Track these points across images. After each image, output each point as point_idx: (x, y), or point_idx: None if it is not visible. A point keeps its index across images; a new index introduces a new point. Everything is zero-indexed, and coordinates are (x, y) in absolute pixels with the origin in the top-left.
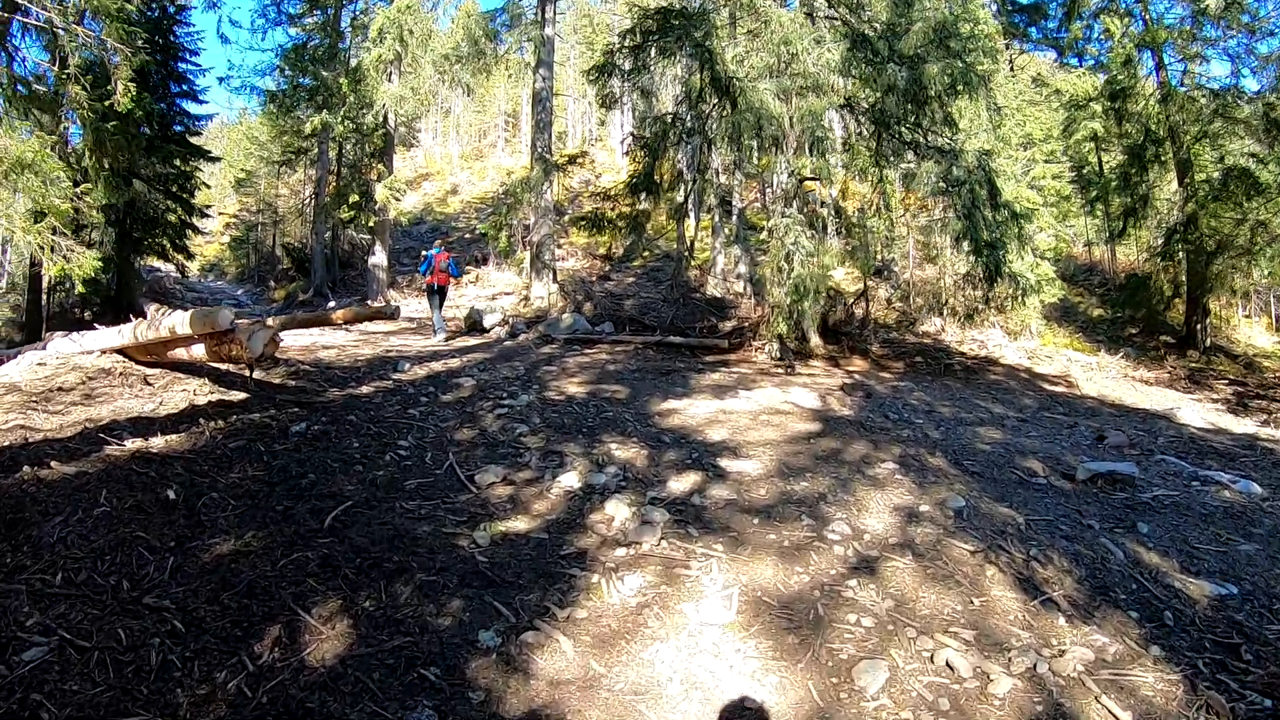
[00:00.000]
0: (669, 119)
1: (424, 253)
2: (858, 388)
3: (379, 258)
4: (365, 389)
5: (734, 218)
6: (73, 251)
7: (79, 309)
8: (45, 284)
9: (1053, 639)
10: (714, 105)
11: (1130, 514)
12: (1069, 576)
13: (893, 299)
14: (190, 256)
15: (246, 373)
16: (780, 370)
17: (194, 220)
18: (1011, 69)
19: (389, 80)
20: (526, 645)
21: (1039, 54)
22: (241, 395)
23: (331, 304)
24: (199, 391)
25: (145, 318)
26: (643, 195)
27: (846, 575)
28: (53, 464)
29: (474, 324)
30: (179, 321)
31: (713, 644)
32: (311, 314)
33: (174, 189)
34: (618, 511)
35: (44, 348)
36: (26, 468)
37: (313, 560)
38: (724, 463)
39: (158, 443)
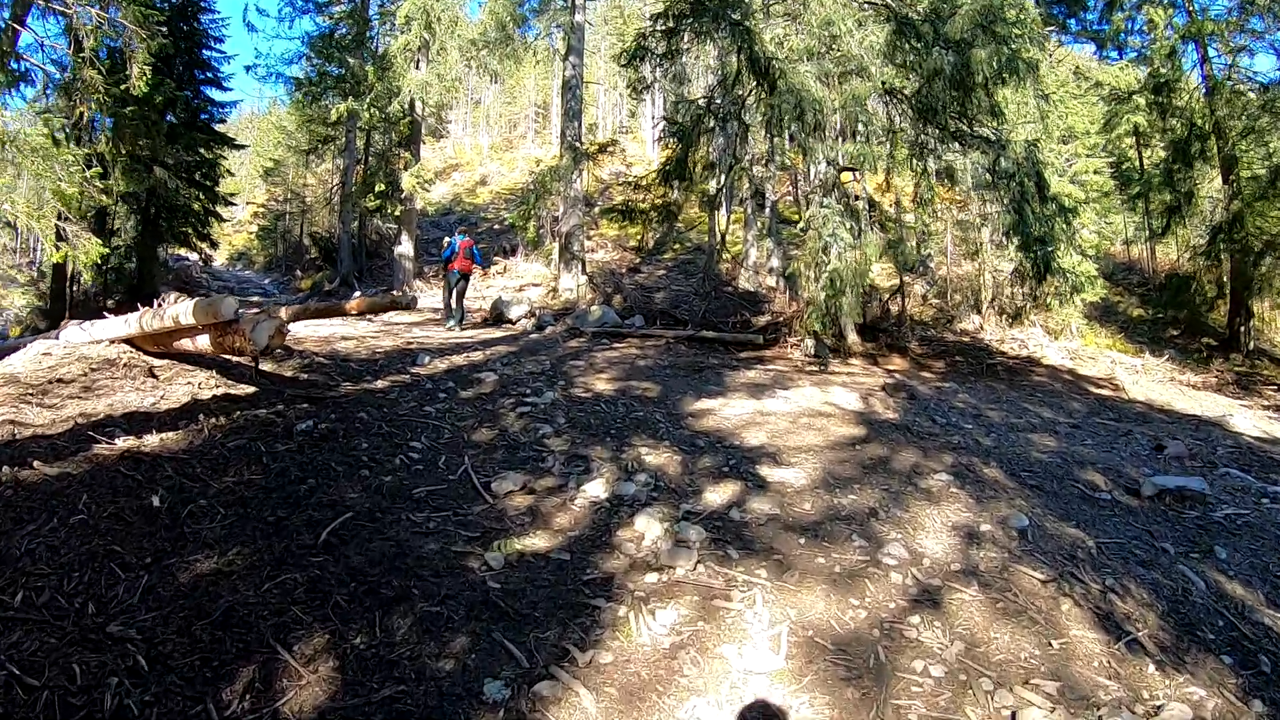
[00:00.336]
0: (703, 104)
1: (447, 240)
2: (900, 389)
3: (405, 247)
4: (381, 383)
5: (767, 211)
6: (79, 237)
7: (102, 297)
8: (69, 272)
9: (1144, 691)
10: (751, 89)
11: (1204, 536)
12: (1151, 612)
13: (928, 295)
14: (214, 245)
15: (252, 366)
16: (817, 368)
17: (218, 208)
18: (1050, 61)
19: (416, 68)
20: (540, 699)
21: (1076, 48)
22: (250, 389)
23: (356, 294)
24: (204, 385)
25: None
26: (675, 184)
27: (908, 609)
28: (35, 464)
29: (499, 315)
30: (183, 311)
31: (759, 699)
32: (324, 304)
33: (197, 176)
34: (649, 528)
35: (56, 336)
36: (6, 468)
37: (301, 584)
38: (764, 471)
39: (151, 441)
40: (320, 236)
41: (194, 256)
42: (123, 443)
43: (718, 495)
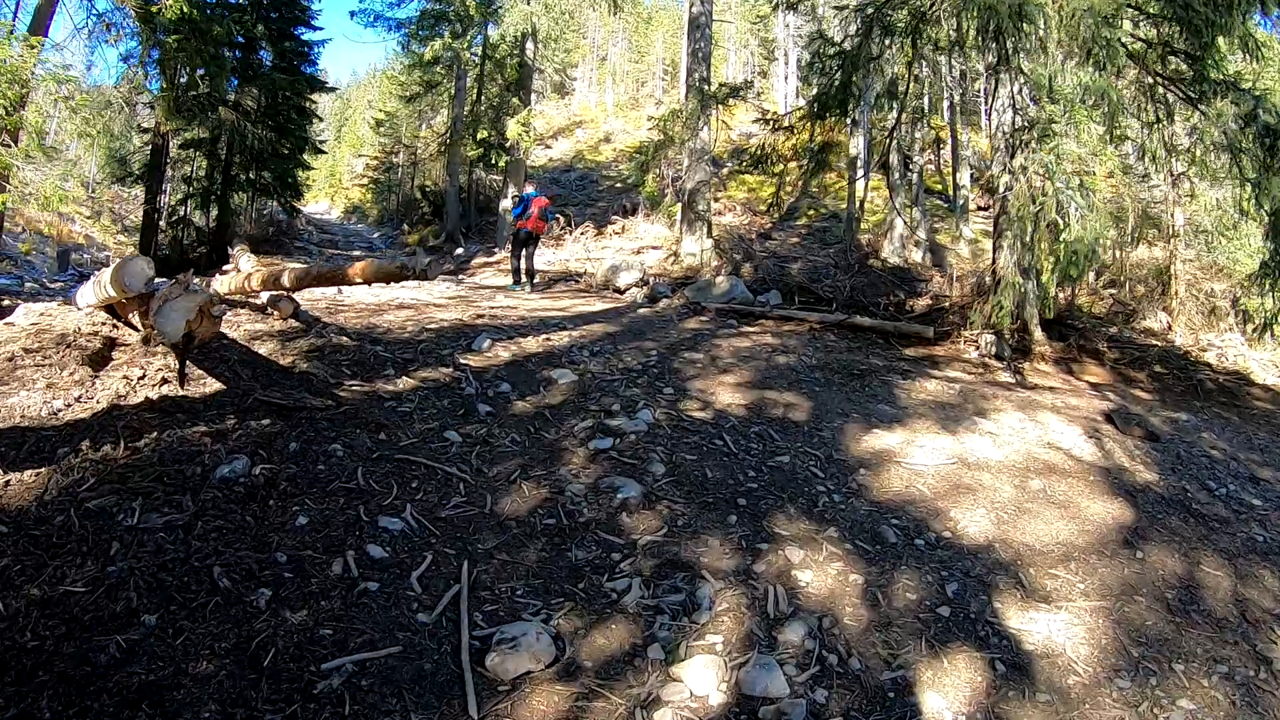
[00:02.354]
0: (871, 13)
1: (516, 195)
2: (1128, 419)
3: (510, 201)
4: (404, 382)
5: (914, 175)
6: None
7: (191, 251)
8: (153, 221)
9: None
10: None
11: None
12: None
13: (1099, 286)
14: (299, 195)
15: (176, 370)
16: (1011, 378)
17: (304, 157)
18: None
19: (526, 2)
20: None
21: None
22: (217, 387)
23: (459, 250)
24: (146, 380)
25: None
26: (831, 120)
27: None
28: None
29: (606, 282)
30: (106, 279)
31: None
32: (326, 269)
33: (281, 121)
34: None
35: (72, 298)
36: None
37: None
38: (1013, 620)
39: None
40: (430, 190)
41: (309, 209)
42: None
43: (945, 701)
